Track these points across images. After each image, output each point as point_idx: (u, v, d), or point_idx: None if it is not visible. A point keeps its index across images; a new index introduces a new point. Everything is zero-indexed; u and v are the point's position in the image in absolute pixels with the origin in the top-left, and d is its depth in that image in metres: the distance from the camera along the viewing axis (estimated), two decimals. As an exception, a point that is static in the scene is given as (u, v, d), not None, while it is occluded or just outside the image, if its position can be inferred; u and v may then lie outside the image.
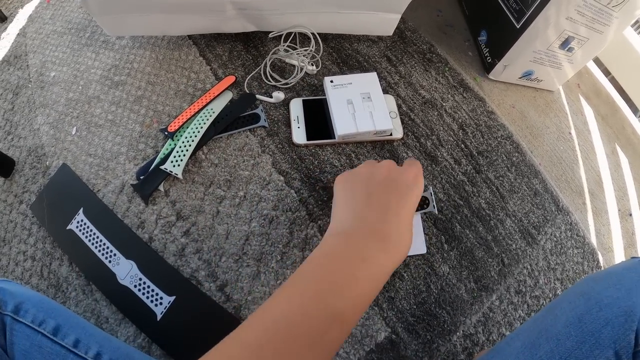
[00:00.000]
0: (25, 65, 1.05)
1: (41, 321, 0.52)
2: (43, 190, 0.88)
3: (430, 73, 1.05)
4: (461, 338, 0.78)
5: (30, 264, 0.83)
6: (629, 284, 0.43)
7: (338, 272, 0.47)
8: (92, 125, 0.94)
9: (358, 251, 0.50)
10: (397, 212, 0.54)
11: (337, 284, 0.46)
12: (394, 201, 0.55)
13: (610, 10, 0.89)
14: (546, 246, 0.88)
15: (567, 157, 1.05)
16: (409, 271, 0.82)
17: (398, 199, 0.55)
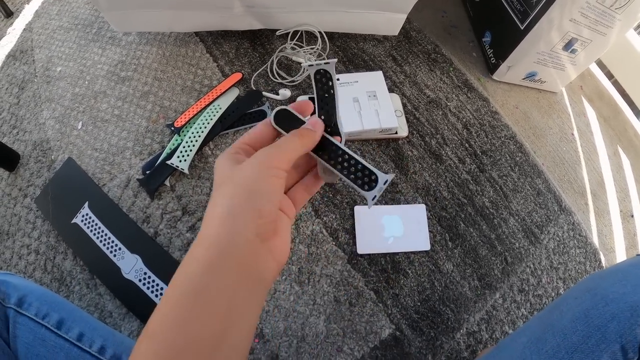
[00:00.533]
0: (31, 60, 1.05)
1: (45, 314, 0.52)
2: (48, 184, 0.88)
3: (435, 73, 1.06)
4: (465, 335, 0.78)
5: (34, 257, 0.83)
6: (635, 280, 0.44)
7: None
8: (98, 120, 0.94)
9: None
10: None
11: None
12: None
13: (613, 12, 0.89)
14: (549, 245, 0.89)
15: (570, 158, 1.06)
16: (413, 268, 0.82)
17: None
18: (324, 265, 0.81)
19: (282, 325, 0.76)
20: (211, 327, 0.30)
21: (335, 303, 0.78)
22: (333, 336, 0.76)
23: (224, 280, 0.31)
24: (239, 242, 0.32)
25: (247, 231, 0.33)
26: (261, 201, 0.33)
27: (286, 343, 0.75)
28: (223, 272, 0.32)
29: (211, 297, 0.31)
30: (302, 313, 0.77)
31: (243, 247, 0.32)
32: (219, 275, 0.31)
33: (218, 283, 0.31)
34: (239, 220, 0.33)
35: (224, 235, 0.32)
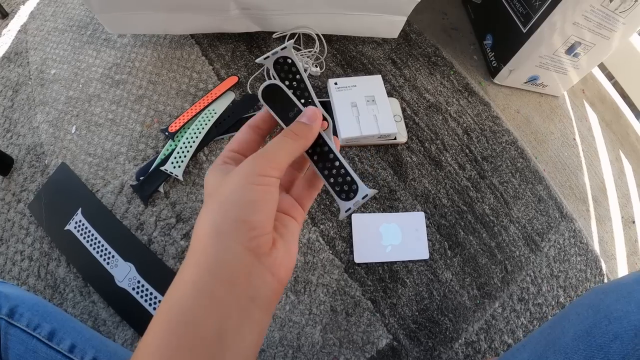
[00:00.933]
0: (25, 62, 1.04)
1: (36, 325, 0.51)
2: (41, 189, 0.87)
3: (435, 76, 1.04)
4: (463, 345, 0.77)
5: (27, 264, 0.81)
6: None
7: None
8: (92, 124, 0.93)
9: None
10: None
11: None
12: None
13: (617, 15, 0.88)
14: (549, 253, 0.87)
15: (572, 164, 1.04)
16: (411, 277, 0.81)
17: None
18: (320, 274, 0.80)
19: (277, 335, 0.75)
20: (200, 356, 0.28)
21: (331, 313, 0.77)
22: (329, 346, 0.75)
23: (212, 302, 0.29)
24: (228, 259, 0.29)
25: (236, 247, 0.30)
26: (250, 213, 0.31)
27: (281, 353, 0.74)
28: (211, 294, 0.29)
29: (198, 322, 0.28)
30: (297, 323, 0.76)
31: (232, 264, 0.30)
32: (206, 297, 0.29)
33: (205, 306, 0.28)
34: (227, 236, 0.30)
35: (211, 253, 0.30)
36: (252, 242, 0.30)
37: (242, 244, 0.30)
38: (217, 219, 0.31)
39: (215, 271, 0.29)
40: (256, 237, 0.31)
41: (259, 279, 0.31)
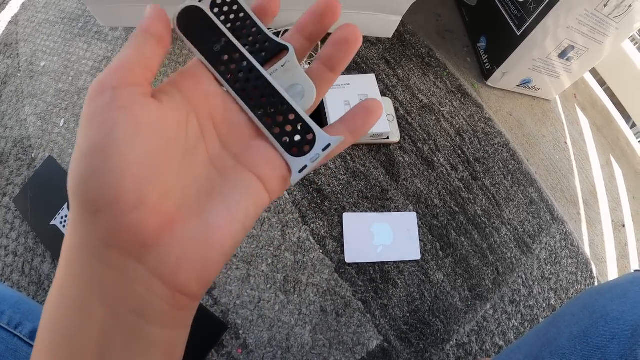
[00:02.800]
0: (15, 54, 1.02)
1: (18, 323, 0.50)
2: (27, 183, 0.85)
3: (428, 77, 1.04)
4: (454, 347, 0.77)
5: (11, 259, 0.80)
6: (635, 297, 0.42)
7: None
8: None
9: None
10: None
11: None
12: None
13: (611, 20, 0.88)
14: (541, 255, 0.87)
15: (563, 167, 1.05)
16: (402, 278, 0.80)
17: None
18: (310, 274, 0.79)
19: (266, 336, 0.73)
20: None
21: (321, 313, 0.76)
22: (319, 347, 0.74)
23: (83, 317, 0.21)
24: (85, 260, 0.20)
25: (92, 242, 0.20)
26: (90, 175, 0.19)
27: (270, 354, 0.72)
28: (81, 306, 0.21)
29: (74, 344, 0.21)
30: (287, 323, 0.75)
31: (93, 267, 0.20)
32: (76, 310, 0.21)
33: (76, 323, 0.21)
34: (77, 224, 0.20)
35: (72, 249, 0.21)
36: (110, 232, 0.20)
37: (99, 239, 0.20)
38: (71, 204, 0.20)
39: (79, 276, 0.21)
40: (113, 221, 0.19)
41: (139, 286, 0.21)
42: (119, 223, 0.20)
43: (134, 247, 0.20)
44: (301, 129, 0.25)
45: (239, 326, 0.73)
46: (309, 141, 0.25)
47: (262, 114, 0.26)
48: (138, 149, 0.20)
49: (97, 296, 0.20)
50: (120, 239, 0.20)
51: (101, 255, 0.20)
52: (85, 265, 0.20)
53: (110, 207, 0.19)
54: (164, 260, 0.21)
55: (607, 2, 0.84)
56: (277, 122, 0.25)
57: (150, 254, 0.21)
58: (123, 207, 0.19)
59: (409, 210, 0.86)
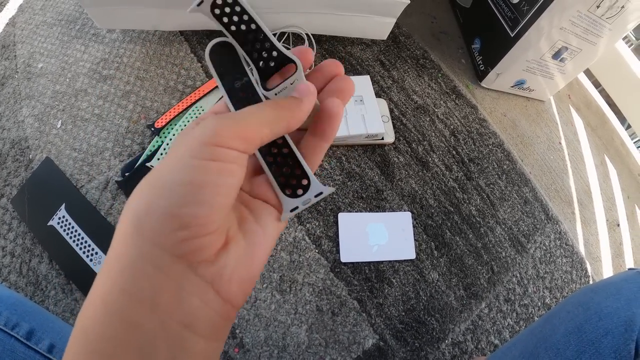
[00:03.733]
0: (13, 56, 1.02)
1: (15, 324, 0.49)
2: (25, 184, 0.85)
3: (423, 79, 1.05)
4: (450, 346, 0.77)
5: (9, 260, 0.80)
6: (628, 294, 0.43)
7: None
8: (78, 119, 0.92)
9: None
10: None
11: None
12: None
13: (604, 21, 0.89)
14: (535, 255, 0.88)
15: (557, 167, 1.06)
16: (398, 277, 0.81)
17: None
18: (306, 273, 0.79)
19: (262, 335, 0.74)
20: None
21: (317, 312, 0.77)
22: (315, 346, 0.74)
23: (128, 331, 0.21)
24: (147, 271, 0.22)
25: (159, 253, 0.22)
26: (187, 202, 0.22)
27: (267, 353, 0.73)
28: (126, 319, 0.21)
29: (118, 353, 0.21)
30: (283, 322, 0.75)
31: (153, 279, 0.22)
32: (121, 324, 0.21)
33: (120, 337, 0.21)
34: (148, 237, 0.22)
35: (126, 263, 0.22)
36: (184, 246, 0.22)
37: (168, 250, 0.22)
38: (139, 210, 0.22)
39: (130, 289, 0.22)
40: (191, 239, 0.22)
41: (195, 298, 0.23)
42: (196, 242, 0.22)
43: (199, 262, 0.23)
44: (299, 176, 0.28)
45: (235, 325, 0.74)
46: (304, 186, 0.28)
47: (264, 153, 0.28)
48: (224, 192, 0.24)
49: (149, 307, 0.22)
50: (191, 254, 0.22)
51: (163, 265, 0.22)
52: (141, 276, 0.22)
53: (197, 228, 0.22)
54: (220, 273, 0.24)
55: (600, 3, 0.84)
56: (277, 162, 0.28)
57: (210, 268, 0.23)
58: (204, 231, 0.23)
59: (404, 210, 0.87)
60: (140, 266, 0.22)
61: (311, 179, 0.28)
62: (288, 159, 0.28)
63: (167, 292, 0.22)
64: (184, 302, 0.22)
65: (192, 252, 0.23)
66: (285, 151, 0.28)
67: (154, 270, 0.22)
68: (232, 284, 0.24)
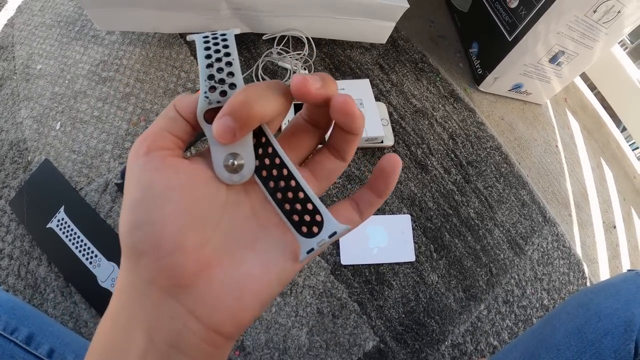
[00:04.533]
0: (11, 57, 1.02)
1: (14, 329, 0.49)
2: (23, 186, 0.85)
3: (421, 82, 1.05)
4: (450, 347, 0.78)
5: (7, 262, 0.79)
6: (627, 295, 0.44)
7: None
8: (77, 121, 0.92)
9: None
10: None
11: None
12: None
13: (600, 26, 0.90)
14: (533, 257, 0.89)
15: (554, 170, 1.07)
16: (397, 279, 0.81)
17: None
18: (306, 276, 0.79)
19: (263, 338, 0.74)
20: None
21: (318, 315, 0.77)
22: (316, 349, 0.74)
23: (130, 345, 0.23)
24: (130, 294, 0.23)
25: (133, 277, 0.23)
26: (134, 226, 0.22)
27: (267, 356, 0.73)
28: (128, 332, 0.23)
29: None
30: (284, 325, 0.75)
31: (136, 301, 0.23)
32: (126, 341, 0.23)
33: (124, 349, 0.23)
34: (126, 264, 0.23)
35: (121, 288, 0.24)
36: (153, 272, 0.22)
37: (143, 277, 0.23)
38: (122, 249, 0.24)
39: (128, 307, 0.23)
40: (154, 263, 0.22)
41: (177, 321, 0.23)
42: (159, 265, 0.22)
43: (172, 287, 0.23)
44: (312, 212, 0.25)
45: (236, 328, 0.74)
46: (318, 222, 0.25)
47: (272, 191, 0.26)
48: (173, 202, 0.22)
49: (140, 325, 0.23)
50: (160, 278, 0.22)
51: (145, 292, 0.23)
52: (133, 298, 0.23)
53: (152, 251, 0.22)
54: (200, 300, 0.23)
55: (596, 8, 0.85)
56: (286, 198, 0.26)
57: (187, 294, 0.23)
58: (162, 252, 0.22)
59: (403, 212, 0.87)
60: (131, 292, 0.23)
61: (325, 218, 0.25)
62: (298, 194, 0.25)
63: (152, 314, 0.23)
64: (167, 324, 0.23)
65: (161, 276, 0.22)
66: (292, 184, 0.25)
67: (141, 296, 0.23)
68: (215, 313, 0.23)
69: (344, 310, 0.78)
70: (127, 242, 0.22)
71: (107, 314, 0.24)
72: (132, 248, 0.22)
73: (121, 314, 0.24)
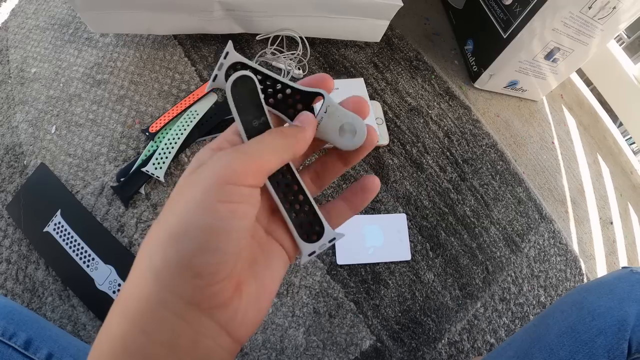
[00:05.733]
0: (5, 61, 1.02)
1: (12, 334, 0.49)
2: (20, 190, 0.85)
3: (416, 80, 1.05)
4: (446, 345, 0.78)
5: (5, 267, 0.80)
6: (621, 293, 0.44)
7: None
8: (72, 124, 0.92)
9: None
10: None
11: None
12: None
13: (595, 22, 0.90)
14: (530, 254, 0.89)
15: (550, 166, 1.06)
16: (393, 278, 0.81)
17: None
18: (302, 276, 0.79)
19: (260, 338, 0.74)
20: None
21: (314, 315, 0.77)
22: (313, 348, 0.74)
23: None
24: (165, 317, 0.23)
25: (176, 301, 0.23)
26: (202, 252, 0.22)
27: (265, 356, 0.73)
28: (146, 357, 0.22)
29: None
30: (280, 325, 0.76)
31: (171, 323, 0.23)
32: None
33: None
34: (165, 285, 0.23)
35: (145, 304, 0.23)
36: (198, 294, 0.23)
37: (185, 298, 0.23)
38: (155, 258, 0.23)
39: (150, 331, 0.23)
40: (205, 287, 0.23)
41: (210, 340, 0.24)
42: (210, 289, 0.23)
43: (212, 308, 0.24)
44: (313, 222, 0.30)
45: (232, 329, 0.74)
46: (317, 231, 0.30)
47: (283, 199, 0.29)
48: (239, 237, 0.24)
49: (168, 348, 0.23)
50: (205, 301, 0.23)
51: (181, 312, 0.23)
52: (161, 320, 0.23)
53: (209, 277, 0.23)
54: (232, 317, 0.25)
55: (591, 5, 0.85)
56: (294, 209, 0.29)
57: (222, 312, 0.24)
58: (217, 279, 0.23)
59: (399, 211, 0.88)
60: (160, 312, 0.23)
61: (325, 227, 0.30)
62: (305, 206, 0.30)
63: (185, 336, 0.23)
64: (199, 344, 0.23)
65: (206, 299, 0.23)
66: (300, 198, 0.30)
67: (172, 316, 0.23)
68: (242, 326, 0.25)
69: (340, 309, 0.78)
70: (185, 262, 0.22)
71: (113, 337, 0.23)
72: (190, 268, 0.22)
73: (138, 338, 0.23)
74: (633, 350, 0.40)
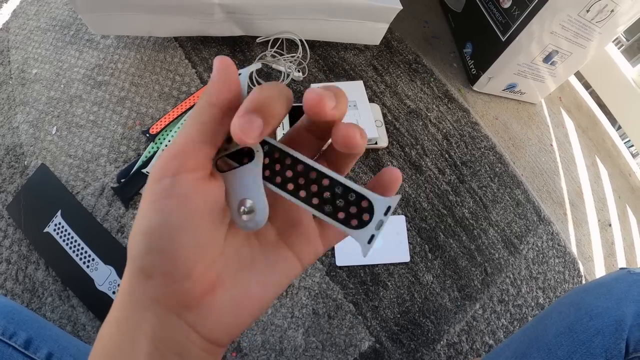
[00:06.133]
0: (7, 61, 1.02)
1: (12, 333, 0.49)
2: (20, 190, 0.85)
3: (415, 83, 1.06)
4: (445, 347, 0.78)
5: (5, 267, 0.80)
6: (619, 294, 0.44)
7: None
8: (73, 125, 0.92)
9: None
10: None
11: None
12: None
13: (593, 25, 0.90)
14: (528, 255, 0.89)
15: (549, 169, 1.07)
16: (392, 280, 0.82)
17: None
18: (302, 277, 0.80)
19: (259, 339, 0.74)
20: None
21: (313, 316, 0.77)
22: (312, 349, 0.75)
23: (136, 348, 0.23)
24: (144, 316, 0.23)
25: (145, 300, 0.23)
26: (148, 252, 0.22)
27: (264, 357, 0.73)
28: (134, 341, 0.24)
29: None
30: (280, 326, 0.76)
31: (148, 320, 0.23)
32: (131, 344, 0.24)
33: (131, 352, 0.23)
34: (136, 287, 0.24)
35: (126, 296, 0.24)
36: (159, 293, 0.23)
37: (145, 293, 0.23)
38: (128, 262, 0.24)
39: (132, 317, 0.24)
40: (162, 287, 0.23)
41: (180, 335, 0.24)
42: (167, 289, 0.23)
43: (177, 307, 0.24)
44: (355, 201, 0.23)
45: (232, 330, 0.74)
46: (365, 208, 0.23)
47: (294, 192, 0.24)
48: (189, 233, 0.23)
49: (144, 335, 0.23)
50: (167, 300, 0.23)
51: (150, 307, 0.23)
52: (138, 310, 0.24)
53: (161, 278, 0.23)
54: (202, 319, 0.24)
55: (590, 8, 0.86)
56: (324, 199, 0.24)
57: (191, 313, 0.24)
58: (172, 279, 0.23)
59: (398, 213, 0.88)
60: (136, 305, 0.24)
61: (371, 198, 0.23)
62: (336, 188, 0.24)
63: (157, 327, 0.23)
64: (171, 337, 0.24)
65: (168, 298, 0.23)
66: (326, 183, 0.24)
67: (145, 310, 0.23)
68: (215, 330, 0.25)
69: (339, 311, 0.78)
70: (137, 263, 0.23)
71: (111, 319, 0.25)
72: (141, 269, 0.23)
73: (127, 321, 0.24)
74: (630, 350, 0.40)
